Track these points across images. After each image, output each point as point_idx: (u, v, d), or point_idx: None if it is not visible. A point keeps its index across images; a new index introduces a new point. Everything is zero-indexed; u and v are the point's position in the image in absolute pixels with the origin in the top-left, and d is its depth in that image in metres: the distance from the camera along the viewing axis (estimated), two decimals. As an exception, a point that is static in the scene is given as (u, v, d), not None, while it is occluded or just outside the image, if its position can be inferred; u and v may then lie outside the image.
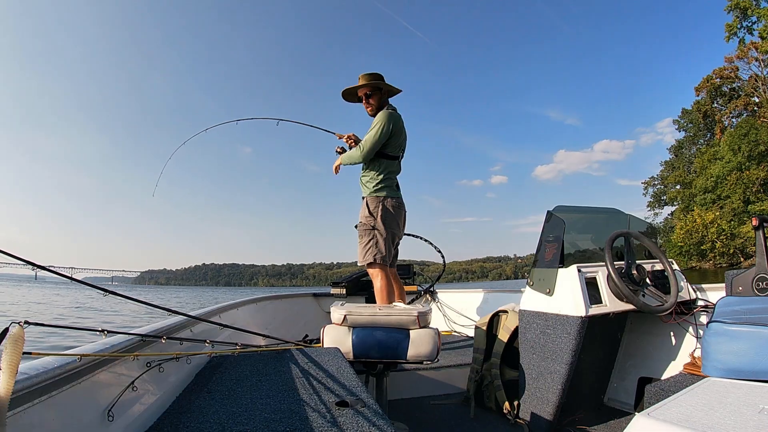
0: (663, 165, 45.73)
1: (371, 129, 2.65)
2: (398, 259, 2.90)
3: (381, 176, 2.66)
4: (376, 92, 2.73)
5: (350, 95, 2.83)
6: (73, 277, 1.20)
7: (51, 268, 1.05)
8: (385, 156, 2.68)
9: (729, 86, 37.73)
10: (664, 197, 44.01)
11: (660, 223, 43.77)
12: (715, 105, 39.15)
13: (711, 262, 33.93)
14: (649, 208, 45.10)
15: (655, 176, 45.81)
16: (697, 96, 40.15)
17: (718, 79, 37.77)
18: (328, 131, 3.12)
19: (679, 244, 35.51)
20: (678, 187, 41.69)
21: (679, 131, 44.53)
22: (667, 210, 44.49)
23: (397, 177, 2.82)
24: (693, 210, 35.73)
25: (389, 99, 2.82)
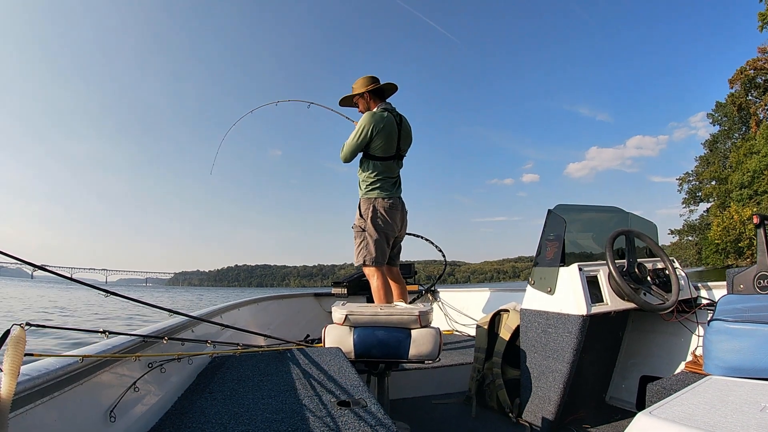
0: (698, 160, 44.20)
1: (353, 131, 2.67)
2: (401, 258, 2.89)
3: (372, 178, 2.66)
4: (359, 99, 2.80)
5: (347, 103, 2.91)
6: (72, 277, 1.20)
7: (47, 268, 1.05)
8: (374, 157, 2.66)
9: (763, 77, 36.27)
10: (700, 193, 42.71)
11: (696, 220, 42.91)
12: (750, 97, 37.68)
13: (749, 259, 32.95)
14: (684, 205, 44.08)
15: (690, 172, 44.30)
16: (731, 88, 38.67)
17: (752, 71, 36.28)
18: (350, 119, 3.14)
19: (716, 241, 34.60)
20: (713, 182, 40.41)
21: (714, 125, 43.06)
22: (703, 207, 43.32)
23: (401, 175, 2.79)
24: (729, 206, 34.67)
25: (390, 97, 2.83)
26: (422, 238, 4.04)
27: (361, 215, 2.66)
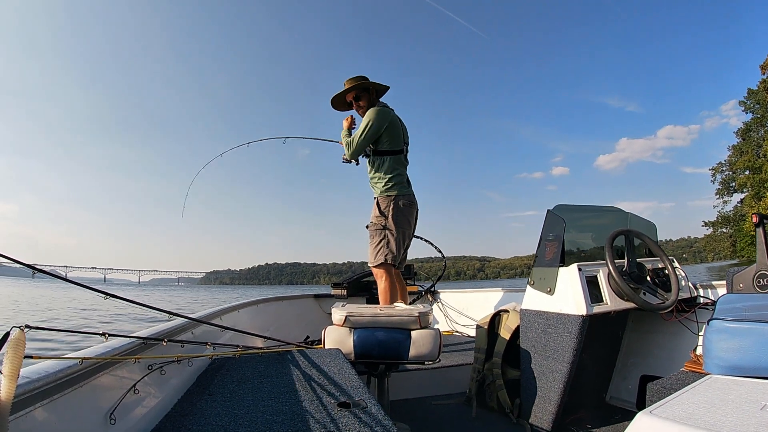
0: (730, 150, 41.79)
1: (360, 127, 2.64)
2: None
3: (389, 175, 2.64)
4: (363, 93, 2.72)
5: (340, 103, 2.82)
6: (68, 277, 1.20)
7: (45, 269, 1.05)
8: (387, 153, 2.66)
9: (798, 62, 33.98)
10: (733, 184, 40.53)
11: (730, 211, 41.47)
12: (783, 83, 35.43)
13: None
14: (717, 196, 42.03)
15: (723, 162, 42.11)
16: (763, 74, 36.75)
17: (784, 55, 34.16)
18: (333, 141, 3.12)
19: (752, 232, 33.78)
20: (747, 172, 38.42)
21: (746, 113, 40.68)
22: (737, 197, 41.30)
23: (407, 171, 2.78)
24: (765, 196, 33.06)
25: (381, 98, 2.82)
26: (420, 238, 4.03)
27: (380, 213, 2.63)
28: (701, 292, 2.06)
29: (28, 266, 0.99)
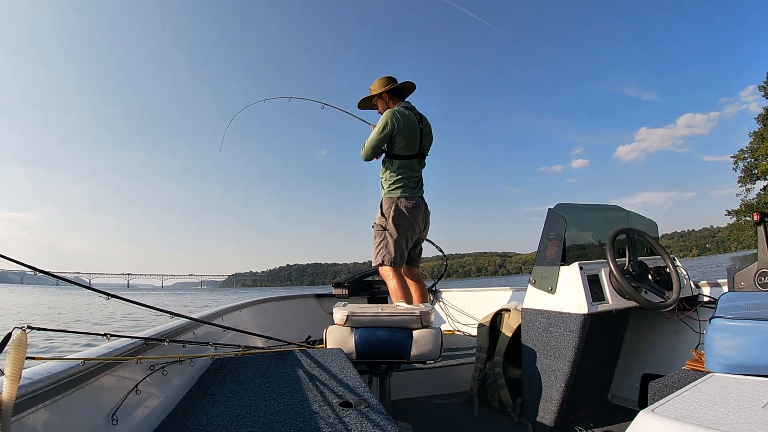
0: (751, 136, 39.99)
1: (374, 129, 2.67)
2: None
3: (395, 177, 2.65)
4: (378, 99, 2.80)
5: (367, 103, 2.91)
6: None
7: (47, 271, 1.05)
8: (397, 156, 2.66)
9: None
10: (756, 171, 38.88)
11: (753, 199, 39.65)
12: (802, 66, 35.34)
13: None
14: (740, 184, 40.24)
15: (744, 149, 40.24)
16: None
17: (803, 37, 33.88)
18: (365, 121, 3.14)
19: None
20: None
21: (766, 98, 38.93)
22: (760, 185, 39.35)
23: (423, 174, 2.79)
24: None
25: (408, 96, 2.85)
26: None
27: (382, 214, 2.65)
28: (703, 290, 2.06)
29: (31, 268, 0.99)
